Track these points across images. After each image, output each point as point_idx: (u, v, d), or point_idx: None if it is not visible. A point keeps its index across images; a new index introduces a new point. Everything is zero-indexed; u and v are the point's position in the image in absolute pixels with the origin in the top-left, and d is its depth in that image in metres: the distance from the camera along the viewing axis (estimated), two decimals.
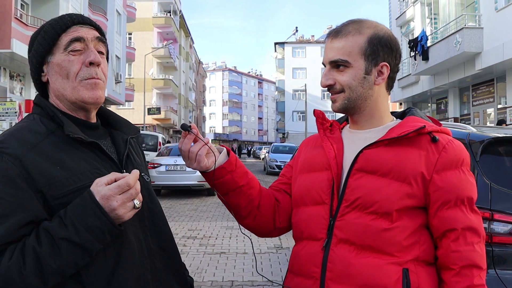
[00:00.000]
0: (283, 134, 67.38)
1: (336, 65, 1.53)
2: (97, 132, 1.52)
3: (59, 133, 1.36)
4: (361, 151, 1.52)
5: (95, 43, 1.45)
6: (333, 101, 1.58)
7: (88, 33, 1.43)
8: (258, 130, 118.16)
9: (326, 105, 63.22)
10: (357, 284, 1.42)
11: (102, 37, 1.50)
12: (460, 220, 1.42)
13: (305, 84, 56.07)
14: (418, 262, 1.43)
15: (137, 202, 1.29)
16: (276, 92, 78.37)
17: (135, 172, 1.29)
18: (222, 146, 1.67)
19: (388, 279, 1.40)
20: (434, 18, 23.63)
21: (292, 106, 63.76)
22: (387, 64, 1.53)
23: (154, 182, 16.33)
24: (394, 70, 1.57)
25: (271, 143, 54.84)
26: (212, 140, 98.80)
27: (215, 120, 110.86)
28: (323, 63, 1.59)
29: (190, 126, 1.52)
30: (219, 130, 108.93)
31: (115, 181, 1.26)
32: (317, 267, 1.49)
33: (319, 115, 1.69)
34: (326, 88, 1.57)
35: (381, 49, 1.52)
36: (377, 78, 1.54)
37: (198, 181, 14.61)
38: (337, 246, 1.47)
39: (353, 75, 1.52)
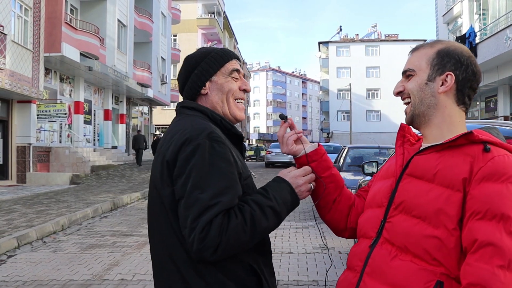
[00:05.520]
0: (328, 134, 66.86)
1: (406, 75, 1.64)
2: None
3: (212, 135, 1.66)
4: (412, 157, 1.58)
5: (242, 74, 1.90)
6: (405, 114, 1.66)
7: (240, 67, 1.88)
8: (303, 130, 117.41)
9: (371, 105, 62.44)
10: (387, 282, 1.46)
11: None
12: (484, 233, 1.31)
13: (350, 84, 55.51)
14: (455, 277, 1.38)
15: (313, 184, 1.76)
16: (320, 91, 77.81)
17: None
18: (319, 144, 1.91)
19: (417, 285, 1.40)
20: (483, 14, 23.01)
21: (336, 105, 63.17)
22: (452, 74, 1.56)
23: (269, 160, 32.56)
24: (464, 84, 1.57)
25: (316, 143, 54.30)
26: (256, 140, 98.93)
27: (259, 120, 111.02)
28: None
29: (286, 116, 1.87)
30: (263, 130, 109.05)
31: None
32: (361, 261, 1.59)
33: (403, 128, 1.74)
34: (399, 97, 1.67)
35: (448, 61, 1.57)
36: (441, 86, 1.56)
37: (290, 160, 27.17)
38: (382, 246, 1.53)
39: (416, 82, 1.60)
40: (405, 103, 1.65)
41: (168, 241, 1.63)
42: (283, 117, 1.87)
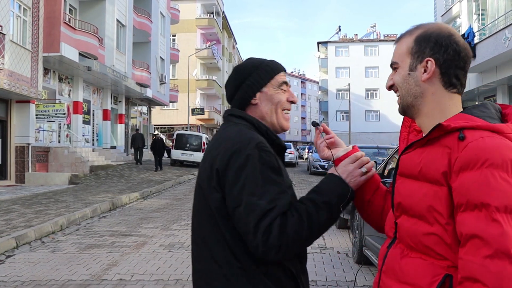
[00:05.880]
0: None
1: (393, 68, 1.64)
2: None
3: (261, 145, 1.75)
4: (400, 156, 1.59)
5: (289, 86, 1.98)
6: (398, 105, 1.66)
7: (287, 79, 1.98)
8: (302, 130, 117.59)
9: (370, 105, 62.43)
10: (399, 280, 1.49)
11: None
12: (468, 225, 1.30)
13: (349, 84, 55.48)
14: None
15: (364, 169, 1.76)
16: (319, 91, 77.78)
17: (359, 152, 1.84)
18: (354, 146, 1.93)
19: (425, 279, 1.40)
20: (482, 14, 23.02)
21: (335, 105, 63.13)
22: (432, 60, 1.52)
23: None
24: (447, 66, 1.53)
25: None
26: None
27: None
28: None
29: (318, 123, 1.94)
30: None
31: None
32: (381, 261, 1.65)
33: (407, 118, 1.74)
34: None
35: (426, 46, 1.54)
36: (423, 74, 1.54)
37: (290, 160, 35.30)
38: (396, 245, 1.57)
39: (400, 73, 1.59)
40: (397, 96, 1.64)
41: (211, 241, 1.72)
42: (315, 124, 1.94)
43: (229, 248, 1.67)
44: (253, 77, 1.89)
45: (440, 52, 1.52)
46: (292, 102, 1.95)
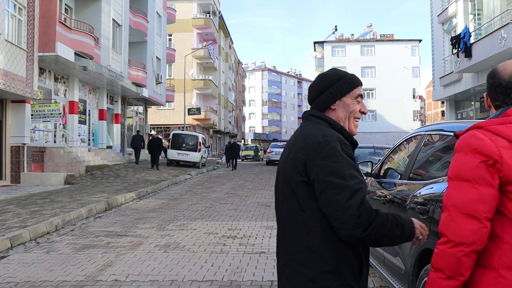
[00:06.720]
0: None
1: None
2: None
3: (341, 139, 2.07)
4: None
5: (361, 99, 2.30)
6: None
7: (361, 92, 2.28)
8: None
9: (366, 104, 61.59)
10: None
11: None
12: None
13: None
14: None
15: (420, 237, 2.09)
16: None
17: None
18: None
19: None
20: (478, 14, 23.04)
21: None
22: None
23: (269, 158, 37.97)
24: None
25: None
26: (251, 140, 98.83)
27: (255, 120, 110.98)
28: None
29: None
30: (258, 130, 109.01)
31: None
32: None
33: None
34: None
35: None
36: None
37: None
38: None
39: None
40: None
41: (293, 220, 2.05)
42: None
43: (302, 224, 2.01)
44: (336, 86, 2.21)
45: None
46: (363, 113, 2.28)
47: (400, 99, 60.70)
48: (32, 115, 19.11)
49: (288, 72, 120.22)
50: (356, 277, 2.02)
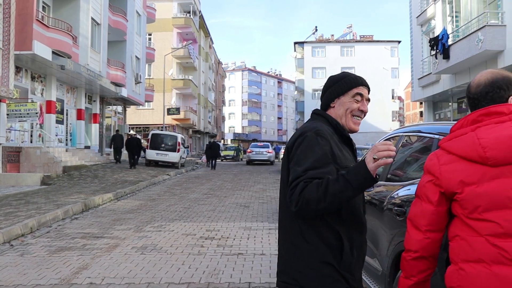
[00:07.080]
0: None
1: None
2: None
3: (335, 135, 2.37)
4: None
5: (365, 98, 2.47)
6: None
7: (365, 92, 2.46)
8: (278, 129, 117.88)
9: None
10: None
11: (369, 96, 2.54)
12: None
13: None
14: None
15: (375, 156, 2.02)
16: (296, 91, 78.02)
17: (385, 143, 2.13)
18: None
19: None
20: (456, 16, 23.29)
21: (311, 105, 63.27)
22: None
23: (250, 158, 39.07)
24: None
25: None
26: (231, 140, 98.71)
27: (235, 120, 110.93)
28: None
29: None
30: (238, 130, 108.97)
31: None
32: None
33: None
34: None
35: None
36: None
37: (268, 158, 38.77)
38: None
39: None
40: None
41: (285, 206, 2.32)
42: None
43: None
44: (335, 86, 2.47)
45: None
46: (362, 111, 2.46)
47: (380, 100, 61.16)
48: (7, 114, 18.77)
49: (268, 72, 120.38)
50: (336, 257, 2.21)
